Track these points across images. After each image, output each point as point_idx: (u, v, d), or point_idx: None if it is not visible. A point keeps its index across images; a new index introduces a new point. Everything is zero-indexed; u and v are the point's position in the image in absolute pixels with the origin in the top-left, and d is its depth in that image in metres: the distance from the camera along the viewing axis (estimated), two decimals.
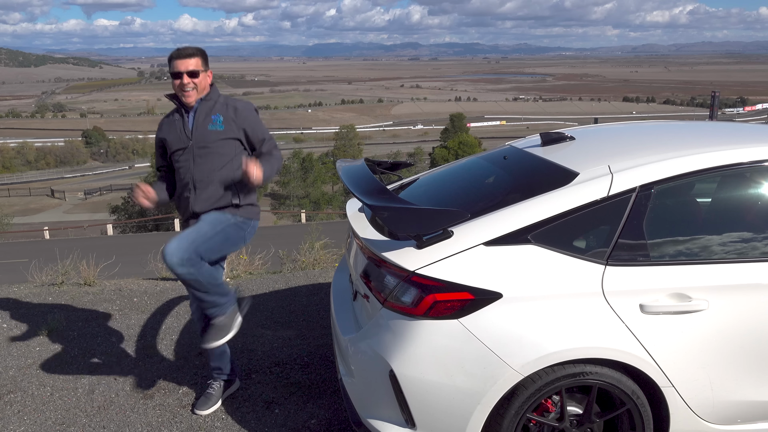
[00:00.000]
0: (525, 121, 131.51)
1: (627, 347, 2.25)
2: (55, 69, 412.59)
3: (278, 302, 4.92)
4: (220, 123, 2.98)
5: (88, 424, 3.17)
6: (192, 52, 2.95)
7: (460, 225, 2.38)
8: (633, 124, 3.45)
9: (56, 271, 5.91)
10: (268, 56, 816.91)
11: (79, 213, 51.20)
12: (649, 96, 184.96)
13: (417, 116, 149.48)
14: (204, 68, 2.98)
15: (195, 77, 2.92)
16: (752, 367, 2.38)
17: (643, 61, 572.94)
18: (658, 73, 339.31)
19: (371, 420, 2.46)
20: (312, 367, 3.73)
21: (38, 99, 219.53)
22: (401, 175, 3.55)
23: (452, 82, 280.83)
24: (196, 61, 2.93)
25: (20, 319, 4.69)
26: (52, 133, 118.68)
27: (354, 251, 2.91)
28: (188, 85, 2.91)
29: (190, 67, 2.91)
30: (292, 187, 52.40)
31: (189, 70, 2.90)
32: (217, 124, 2.97)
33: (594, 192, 2.39)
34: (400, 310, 2.32)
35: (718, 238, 2.42)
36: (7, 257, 15.85)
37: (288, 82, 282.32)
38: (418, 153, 69.47)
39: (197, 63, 2.93)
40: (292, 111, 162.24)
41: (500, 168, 3.05)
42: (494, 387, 2.23)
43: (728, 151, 2.50)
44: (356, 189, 2.57)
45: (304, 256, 6.48)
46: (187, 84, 2.91)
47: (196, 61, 2.93)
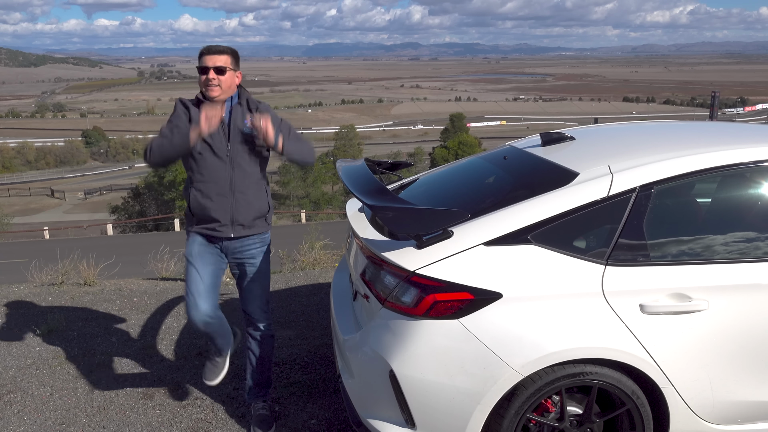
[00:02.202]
0: (525, 121, 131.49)
1: (627, 347, 2.25)
2: (55, 69, 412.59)
3: (278, 302, 4.92)
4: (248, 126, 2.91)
5: (88, 424, 3.17)
6: (222, 49, 2.95)
7: (460, 225, 2.38)
8: (633, 124, 3.45)
9: (56, 271, 5.91)
10: (268, 56, 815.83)
11: (79, 213, 51.20)
12: (649, 96, 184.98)
13: (417, 116, 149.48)
14: (233, 67, 2.96)
15: (221, 74, 2.90)
16: (752, 367, 2.38)
17: (643, 61, 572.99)
18: (658, 73, 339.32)
19: (371, 420, 2.46)
20: (312, 367, 3.73)
21: (38, 99, 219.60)
22: (401, 175, 3.55)
23: (452, 82, 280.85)
24: (225, 59, 2.92)
25: (20, 319, 4.70)
26: (52, 133, 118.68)
27: (354, 251, 2.91)
28: (213, 80, 2.89)
29: (218, 63, 2.90)
30: (292, 187, 52.36)
31: (216, 66, 2.89)
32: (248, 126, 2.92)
33: (594, 192, 2.39)
34: (400, 310, 2.32)
35: (718, 238, 2.42)
36: (7, 257, 15.85)
37: (288, 82, 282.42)
38: (418, 153, 69.44)
39: (226, 60, 2.92)
40: (292, 111, 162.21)
41: (500, 168, 3.05)
42: (494, 387, 2.23)
43: (728, 151, 2.50)
44: (356, 189, 2.56)
45: (304, 256, 6.48)
46: (213, 79, 2.89)
47: (225, 59, 2.92)
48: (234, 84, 2.97)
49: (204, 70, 2.90)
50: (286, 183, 52.81)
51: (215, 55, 2.91)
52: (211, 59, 2.89)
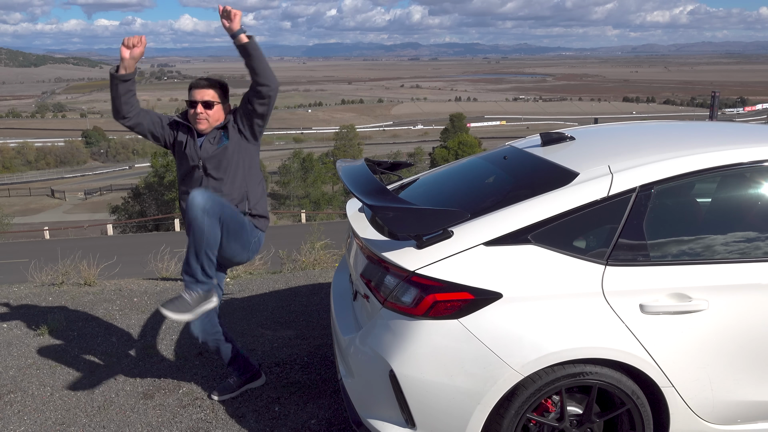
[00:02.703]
0: (525, 121, 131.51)
1: (627, 347, 2.25)
2: (55, 69, 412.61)
3: (278, 302, 4.92)
4: (225, 137, 3.05)
5: (88, 424, 3.17)
6: (211, 83, 3.04)
7: (460, 225, 2.38)
8: (633, 124, 3.45)
9: (56, 271, 5.91)
10: (268, 56, 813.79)
11: (79, 213, 51.20)
12: (649, 96, 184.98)
13: (417, 116, 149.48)
14: (221, 101, 3.04)
15: (209, 108, 3.00)
16: (752, 367, 2.38)
17: (643, 61, 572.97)
18: (658, 73, 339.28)
19: (371, 420, 2.46)
20: (312, 367, 3.73)
21: (38, 99, 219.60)
22: (401, 175, 3.55)
23: (452, 82, 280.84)
24: (213, 93, 3.00)
25: (20, 319, 4.70)
26: (52, 133, 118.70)
27: (354, 251, 2.91)
28: (201, 114, 2.99)
29: (206, 98, 2.98)
30: (292, 187, 52.36)
31: (204, 100, 2.98)
32: (224, 139, 3.05)
33: (594, 192, 2.39)
34: (400, 310, 2.32)
35: (718, 238, 2.42)
36: (7, 257, 15.85)
37: (288, 82, 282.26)
38: (418, 153, 69.44)
39: (213, 95, 3.01)
40: (292, 111, 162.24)
41: (500, 168, 3.05)
42: (494, 387, 2.23)
43: (728, 151, 2.50)
44: (356, 189, 2.57)
45: (304, 256, 6.48)
46: (201, 114, 2.99)
47: (213, 93, 3.00)
48: (221, 117, 3.08)
49: (192, 104, 3.00)
50: (286, 183, 52.81)
51: (203, 89, 3.00)
52: (199, 93, 2.99)
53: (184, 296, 2.88)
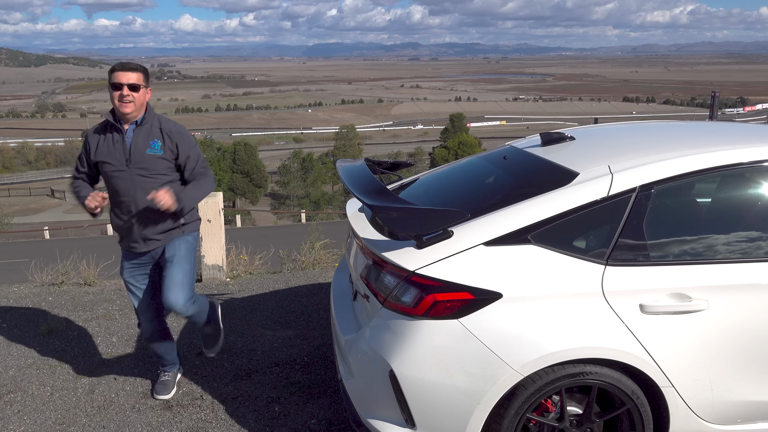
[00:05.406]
0: (525, 121, 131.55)
1: (627, 347, 2.25)
2: (55, 69, 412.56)
3: (278, 302, 4.92)
4: (158, 147, 3.07)
5: (88, 424, 3.17)
6: (135, 67, 3.07)
7: (460, 225, 2.38)
8: (633, 124, 3.45)
9: (56, 271, 5.91)
10: (268, 56, 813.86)
11: (79, 213, 51.04)
12: (649, 96, 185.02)
13: (417, 116, 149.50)
14: (144, 84, 3.06)
15: (135, 91, 3.01)
16: (752, 367, 2.38)
17: (643, 61, 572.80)
18: (658, 73, 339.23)
19: (371, 420, 2.46)
20: (312, 367, 3.73)
21: (38, 99, 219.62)
22: (401, 175, 3.55)
23: (452, 82, 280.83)
24: (138, 76, 3.02)
25: (20, 319, 4.70)
26: (52, 133, 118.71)
27: (354, 251, 2.91)
28: (127, 96, 2.99)
29: (132, 80, 2.99)
30: (292, 187, 52.38)
31: (130, 83, 2.99)
32: (156, 148, 3.07)
33: (594, 192, 2.39)
34: (400, 310, 2.32)
35: (718, 238, 2.42)
36: (7, 257, 15.85)
37: (288, 82, 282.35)
38: (418, 153, 69.50)
39: (138, 78, 3.02)
40: (292, 111, 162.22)
41: (500, 168, 3.05)
42: (494, 387, 2.23)
43: (728, 151, 2.50)
44: (356, 189, 2.57)
45: (304, 256, 6.48)
46: (127, 96, 2.99)
47: (138, 76, 3.02)
48: (145, 101, 3.09)
49: (117, 86, 2.99)
50: (286, 183, 52.83)
51: (129, 72, 3.01)
52: (124, 76, 3.00)
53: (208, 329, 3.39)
